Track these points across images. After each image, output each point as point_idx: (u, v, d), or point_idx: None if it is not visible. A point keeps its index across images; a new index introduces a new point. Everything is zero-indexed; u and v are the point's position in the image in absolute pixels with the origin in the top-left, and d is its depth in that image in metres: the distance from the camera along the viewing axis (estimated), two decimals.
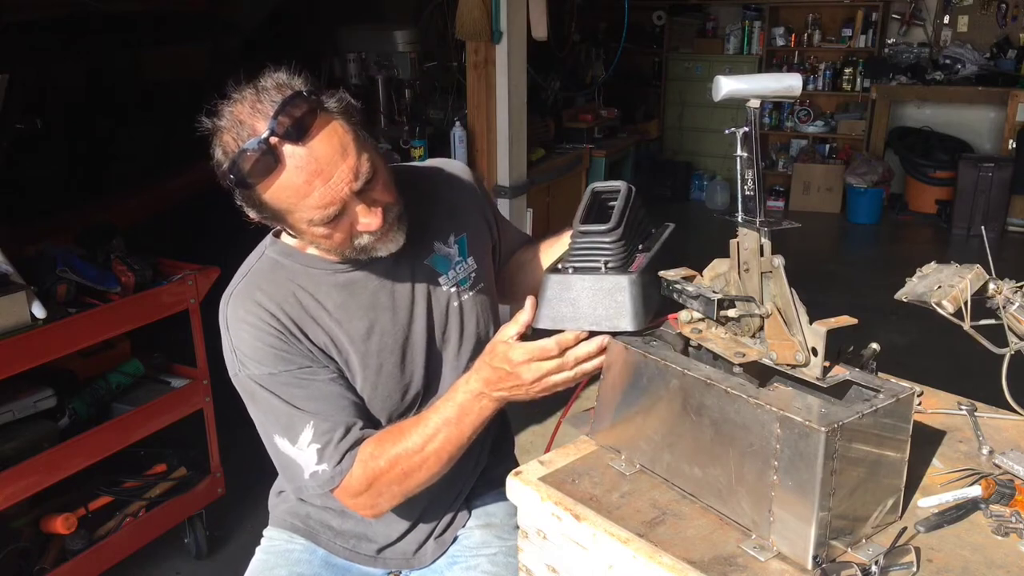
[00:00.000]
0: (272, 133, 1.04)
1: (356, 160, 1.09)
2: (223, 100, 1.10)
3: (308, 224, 1.12)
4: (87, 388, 2.25)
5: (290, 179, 1.07)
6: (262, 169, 1.06)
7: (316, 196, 1.08)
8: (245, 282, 1.25)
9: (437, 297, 1.32)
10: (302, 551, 1.42)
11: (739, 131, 1.01)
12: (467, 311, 1.34)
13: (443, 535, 1.44)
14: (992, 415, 1.29)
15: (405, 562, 1.43)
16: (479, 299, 1.36)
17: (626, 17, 5.06)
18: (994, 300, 1.24)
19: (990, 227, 5.76)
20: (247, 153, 1.05)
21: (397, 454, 1.19)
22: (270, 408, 1.21)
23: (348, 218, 1.13)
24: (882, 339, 1.14)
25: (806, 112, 6.97)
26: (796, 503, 0.92)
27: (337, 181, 1.08)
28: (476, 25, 3.51)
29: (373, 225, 1.13)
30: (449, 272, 1.32)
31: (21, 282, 1.95)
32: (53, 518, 2.12)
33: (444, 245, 1.33)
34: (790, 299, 1.00)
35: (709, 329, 1.10)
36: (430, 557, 1.43)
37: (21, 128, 2.89)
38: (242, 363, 1.21)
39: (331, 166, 1.07)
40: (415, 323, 1.30)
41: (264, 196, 1.10)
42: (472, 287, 1.35)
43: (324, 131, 1.07)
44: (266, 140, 1.04)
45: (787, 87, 1.01)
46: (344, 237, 1.15)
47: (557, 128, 4.88)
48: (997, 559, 0.96)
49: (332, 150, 1.07)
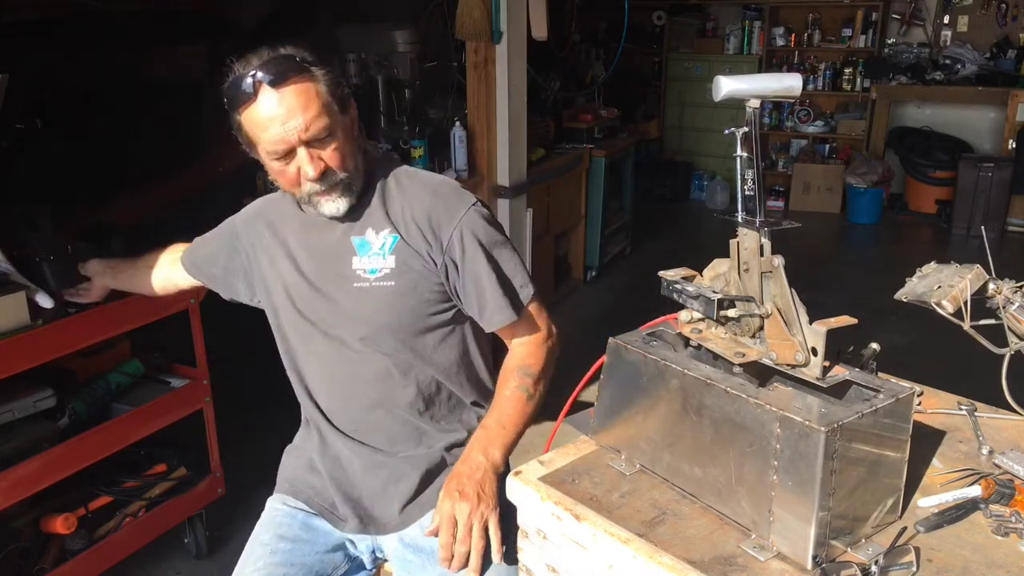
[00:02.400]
0: (256, 71, 1.30)
1: (314, 117, 1.32)
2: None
3: (268, 156, 1.36)
4: (87, 388, 2.25)
5: (258, 112, 1.32)
6: (241, 98, 1.32)
7: (272, 132, 1.32)
8: (263, 199, 1.62)
9: (342, 270, 1.43)
10: (284, 515, 1.52)
11: (739, 131, 1.01)
12: (366, 298, 1.41)
13: (420, 497, 1.47)
14: (992, 415, 1.29)
15: (382, 526, 1.48)
16: (384, 293, 1.41)
17: (626, 17, 5.06)
18: (994, 300, 1.24)
19: (990, 227, 5.76)
20: (235, 83, 1.32)
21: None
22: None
23: (296, 163, 1.35)
24: (882, 339, 1.14)
25: (806, 112, 6.98)
26: (796, 503, 0.92)
27: (292, 127, 1.31)
28: (476, 25, 3.51)
29: (309, 173, 1.34)
30: (364, 256, 1.42)
31: (21, 282, 1.95)
32: (53, 518, 2.12)
33: (375, 235, 1.42)
34: (790, 299, 1.00)
35: (709, 329, 1.10)
36: (394, 527, 1.48)
37: (21, 128, 2.89)
38: (232, 219, 1.64)
39: (290, 113, 1.31)
40: (324, 276, 1.46)
41: (243, 122, 1.35)
42: (380, 280, 1.41)
43: (298, 87, 1.31)
44: (251, 76, 1.31)
45: (787, 87, 1.02)
46: (292, 180, 1.37)
47: (557, 128, 4.88)
48: (997, 559, 0.96)
49: (297, 102, 1.31)
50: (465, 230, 1.41)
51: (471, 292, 1.42)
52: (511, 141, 3.79)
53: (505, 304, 1.41)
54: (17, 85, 2.48)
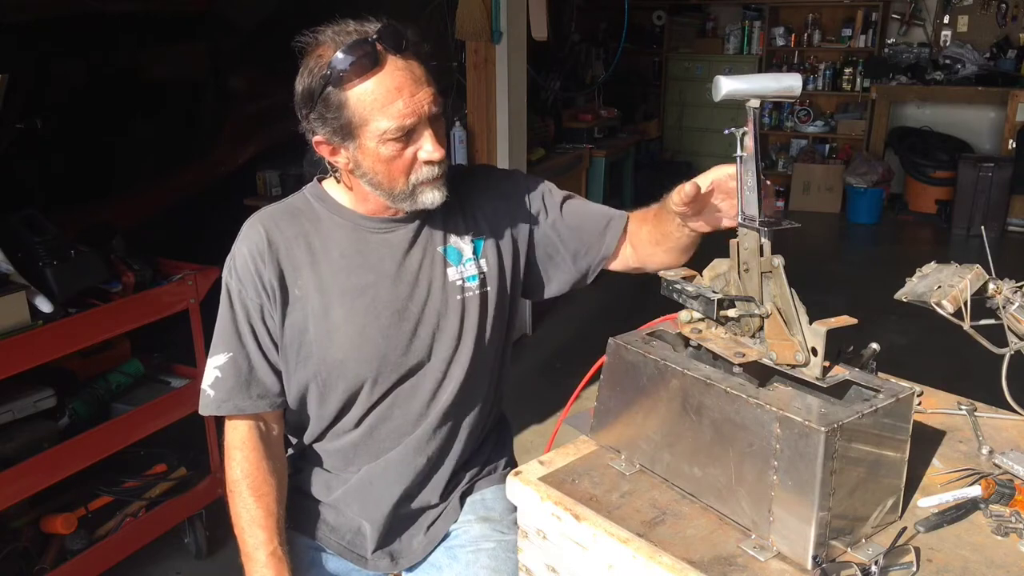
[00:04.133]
0: (379, 37, 1.16)
1: (436, 92, 1.20)
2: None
3: (379, 139, 1.18)
4: (87, 388, 2.25)
5: (383, 82, 1.16)
6: (361, 66, 1.15)
7: (400, 104, 1.16)
8: (272, 209, 1.35)
9: (443, 285, 1.33)
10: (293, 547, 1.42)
11: (739, 131, 1.01)
12: (469, 307, 1.35)
13: (432, 528, 1.44)
14: (992, 415, 1.29)
15: (395, 564, 1.43)
16: (484, 300, 1.36)
17: (626, 17, 5.06)
18: (994, 300, 1.23)
19: (990, 227, 5.76)
20: (351, 50, 1.14)
21: (240, 492, 1.32)
22: (223, 314, 1.33)
23: (415, 144, 1.20)
24: (882, 339, 1.14)
25: (806, 112, 6.98)
26: (796, 503, 0.92)
27: (421, 98, 1.17)
28: (476, 25, 3.51)
29: (436, 154, 1.20)
30: (459, 265, 1.35)
31: (21, 282, 1.95)
32: (53, 518, 2.12)
33: (460, 240, 1.36)
34: (790, 299, 1.00)
35: (709, 329, 1.10)
36: (422, 552, 1.43)
37: (21, 128, 2.89)
38: (230, 269, 1.32)
39: (418, 84, 1.17)
40: (413, 300, 1.32)
41: (351, 98, 1.16)
42: (480, 287, 1.36)
43: (415, 59, 1.19)
44: (372, 41, 1.15)
45: (787, 87, 1.01)
46: (405, 166, 1.21)
47: (557, 128, 4.88)
48: (997, 559, 0.96)
49: (420, 73, 1.19)
50: (531, 191, 1.41)
51: (575, 223, 1.40)
52: (511, 141, 3.79)
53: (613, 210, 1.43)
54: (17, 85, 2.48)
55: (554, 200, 1.42)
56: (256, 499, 1.32)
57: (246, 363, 1.31)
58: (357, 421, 1.36)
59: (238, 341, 1.31)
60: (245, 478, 1.33)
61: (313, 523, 1.44)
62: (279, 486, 1.36)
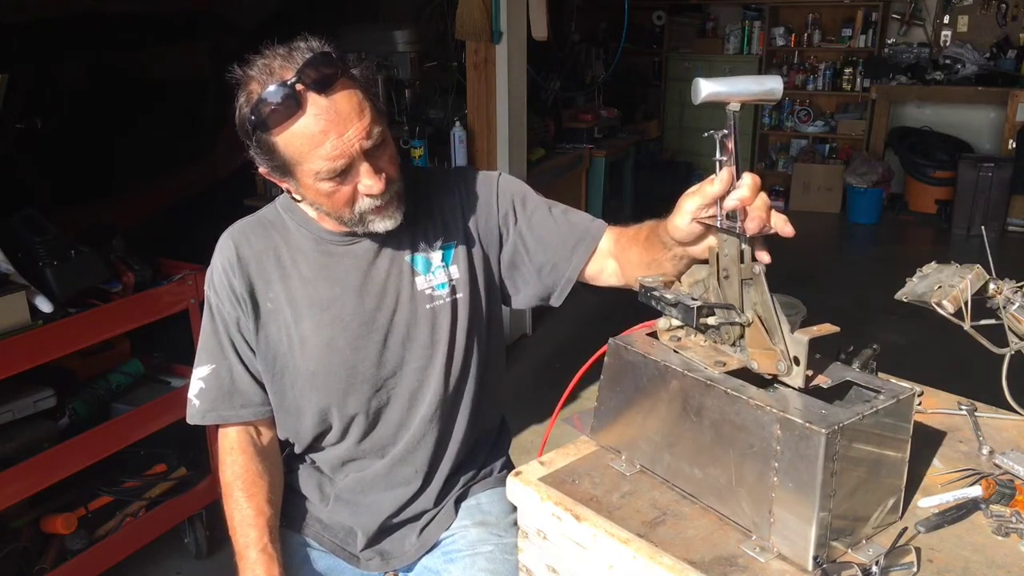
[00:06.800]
0: (299, 80, 1.10)
1: (370, 123, 1.15)
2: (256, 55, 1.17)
3: (315, 177, 1.16)
4: (87, 388, 2.25)
5: (307, 126, 1.12)
6: (283, 113, 1.11)
7: (328, 147, 1.12)
8: (244, 223, 1.36)
9: (412, 295, 1.33)
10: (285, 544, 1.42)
11: (718, 134, 0.97)
12: (440, 315, 1.34)
13: (424, 532, 1.43)
14: (992, 415, 1.29)
15: (386, 563, 1.43)
16: (455, 307, 1.35)
17: (626, 17, 5.06)
18: (994, 300, 1.23)
19: (990, 227, 5.76)
20: (271, 95, 1.10)
21: (232, 494, 1.36)
22: (204, 326, 1.36)
23: (352, 179, 1.17)
24: (882, 339, 1.14)
25: (806, 112, 6.98)
26: (796, 504, 0.92)
27: (351, 136, 1.13)
28: (476, 25, 3.51)
29: (375, 188, 1.17)
30: (427, 274, 1.34)
31: (21, 282, 1.95)
32: (53, 518, 2.12)
33: (429, 248, 1.34)
34: (771, 307, 0.97)
35: (688, 337, 1.09)
36: (414, 554, 1.43)
37: (21, 128, 2.90)
38: (209, 282, 1.35)
39: (347, 121, 1.12)
40: (381, 311, 1.32)
41: (279, 142, 1.14)
42: (450, 294, 1.34)
43: (345, 91, 1.13)
44: (292, 85, 1.10)
45: (768, 90, 0.97)
46: (346, 199, 1.19)
47: (557, 128, 4.88)
48: (997, 559, 0.96)
49: (350, 107, 1.13)
50: (502, 195, 1.37)
51: (542, 234, 1.35)
52: (511, 141, 3.79)
53: (593, 217, 1.38)
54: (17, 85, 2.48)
55: (527, 206, 1.37)
56: (247, 499, 1.34)
57: (228, 374, 1.34)
58: (341, 433, 1.37)
59: (220, 353, 1.34)
60: (236, 480, 1.35)
61: (305, 521, 1.45)
62: (271, 486, 1.37)
